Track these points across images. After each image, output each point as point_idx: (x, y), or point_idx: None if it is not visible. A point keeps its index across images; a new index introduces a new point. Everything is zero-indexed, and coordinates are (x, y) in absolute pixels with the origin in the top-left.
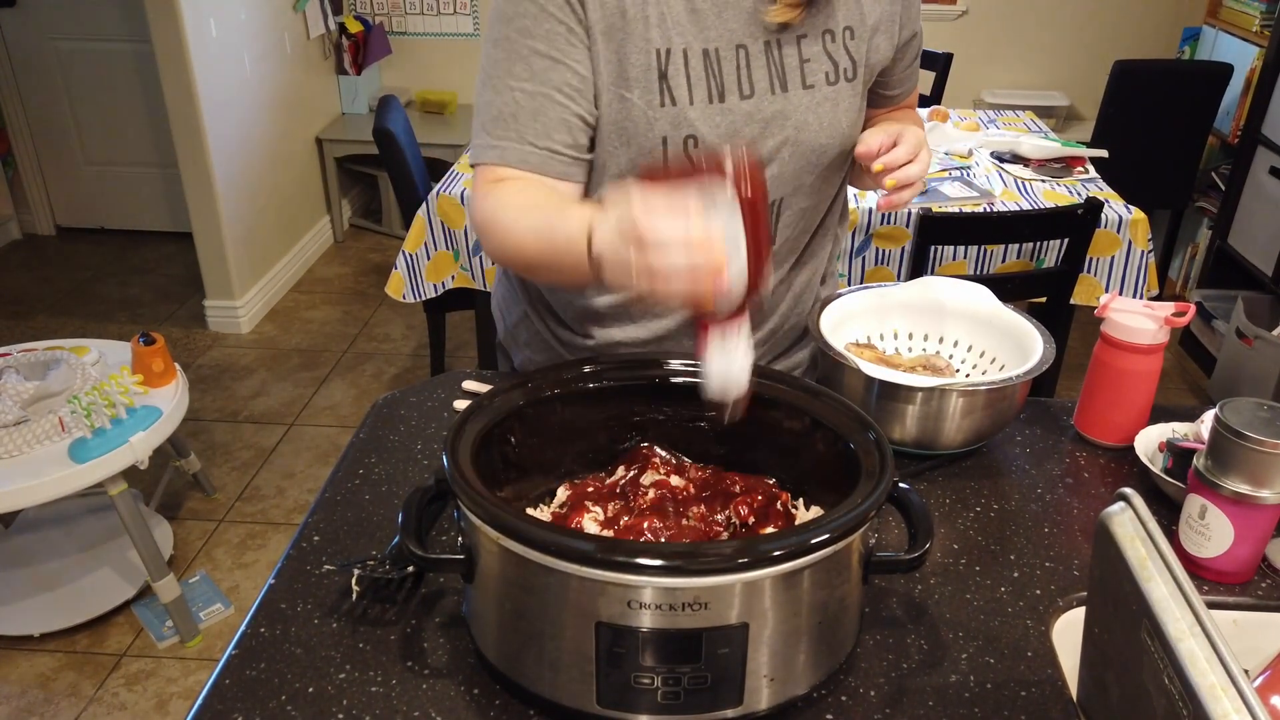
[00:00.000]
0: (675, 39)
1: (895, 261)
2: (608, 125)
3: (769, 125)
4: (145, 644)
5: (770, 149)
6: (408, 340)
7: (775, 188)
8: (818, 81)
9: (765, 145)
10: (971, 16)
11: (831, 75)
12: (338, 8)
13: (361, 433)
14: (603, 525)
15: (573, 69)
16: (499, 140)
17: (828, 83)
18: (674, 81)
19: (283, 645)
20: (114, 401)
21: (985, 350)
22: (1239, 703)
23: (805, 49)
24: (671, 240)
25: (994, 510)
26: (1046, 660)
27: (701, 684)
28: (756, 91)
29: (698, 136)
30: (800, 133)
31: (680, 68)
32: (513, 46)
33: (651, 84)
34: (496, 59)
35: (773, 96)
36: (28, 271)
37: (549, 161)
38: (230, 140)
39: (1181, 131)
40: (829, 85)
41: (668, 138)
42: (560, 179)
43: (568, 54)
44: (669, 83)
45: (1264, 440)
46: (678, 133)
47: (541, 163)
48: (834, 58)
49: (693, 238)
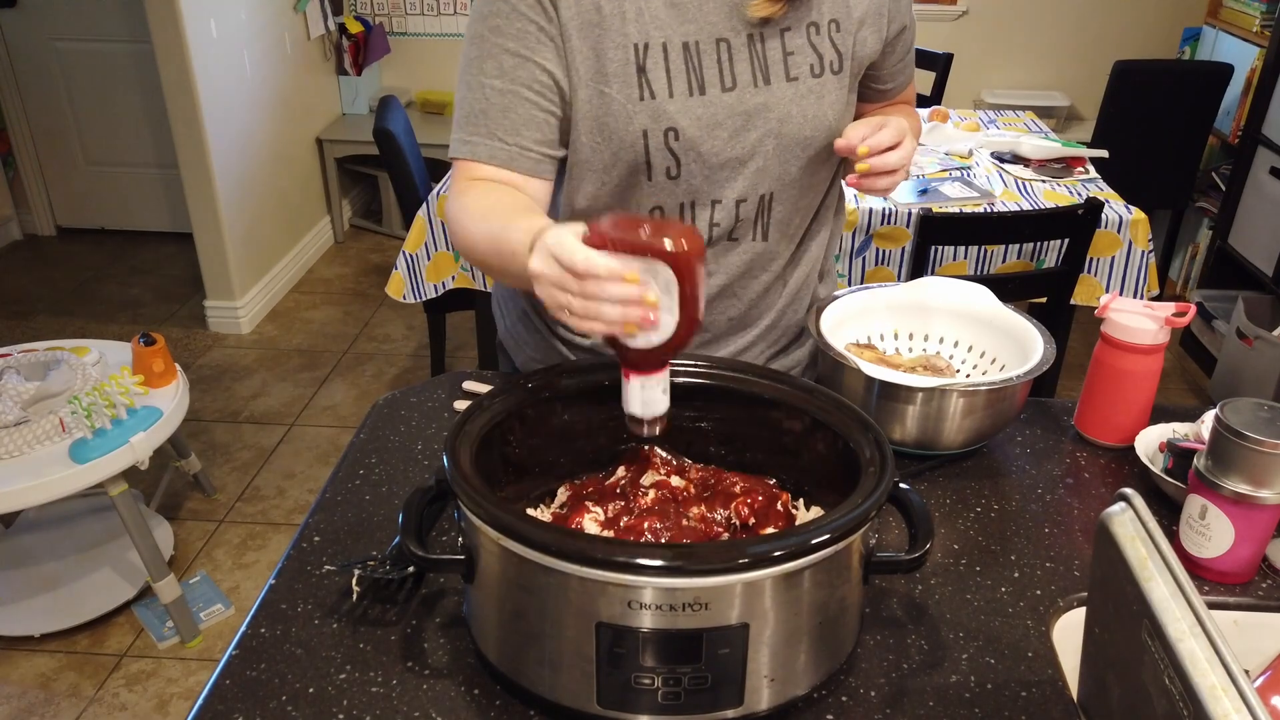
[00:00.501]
0: (654, 33)
1: (895, 262)
2: (588, 121)
3: (751, 118)
4: (146, 644)
5: (753, 141)
6: (408, 341)
7: (761, 181)
8: (802, 74)
9: (748, 138)
10: (971, 16)
11: (816, 68)
12: (338, 8)
13: (362, 433)
14: (603, 525)
15: (542, 66)
16: (470, 136)
17: (812, 75)
18: (653, 75)
19: (283, 645)
20: (114, 402)
21: (985, 350)
22: (1239, 703)
23: (789, 41)
24: (606, 273)
25: (994, 510)
26: (1047, 661)
27: (702, 684)
28: (739, 84)
29: (678, 129)
30: (784, 125)
31: (659, 61)
32: (486, 44)
33: (630, 78)
34: (471, 56)
35: (755, 89)
36: (28, 272)
37: (517, 157)
38: (230, 140)
39: (1182, 131)
40: (813, 78)
41: (648, 131)
42: (530, 175)
43: (537, 52)
44: (647, 76)
45: (1264, 440)
46: (657, 125)
47: (510, 158)
48: (818, 50)
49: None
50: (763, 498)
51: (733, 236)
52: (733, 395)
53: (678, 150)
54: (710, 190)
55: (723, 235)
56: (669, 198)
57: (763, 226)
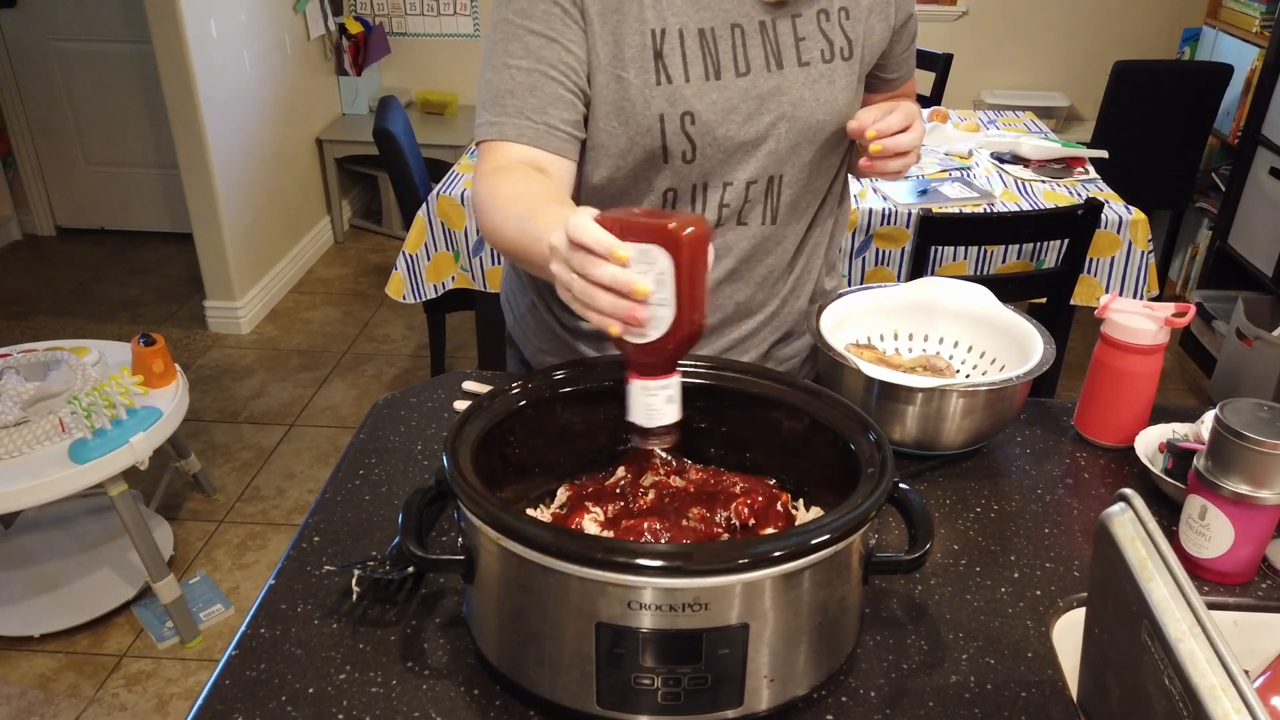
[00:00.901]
0: (670, 19)
1: (895, 262)
2: (606, 105)
3: (765, 101)
4: (145, 645)
5: (766, 124)
6: (408, 341)
7: (772, 163)
8: (813, 59)
9: (761, 121)
10: (971, 17)
11: (827, 53)
12: (338, 8)
13: (362, 433)
14: (603, 526)
15: (567, 48)
16: (498, 117)
17: (823, 60)
18: (670, 60)
19: (283, 646)
20: (114, 402)
21: (985, 351)
22: (1239, 703)
23: (800, 27)
24: (595, 244)
25: (994, 511)
26: (1047, 661)
27: (701, 684)
28: (753, 69)
29: (694, 113)
30: (796, 109)
31: (676, 46)
32: (511, 28)
33: (647, 63)
34: (495, 40)
35: (769, 74)
36: (28, 272)
37: (545, 136)
38: (230, 141)
39: (1181, 132)
40: (824, 63)
41: (664, 115)
42: (557, 154)
43: (563, 34)
44: (664, 61)
45: (1264, 441)
46: (674, 110)
47: (537, 136)
48: (829, 36)
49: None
50: (763, 498)
51: (741, 219)
52: (733, 396)
53: (693, 134)
54: (723, 172)
55: (732, 216)
56: (683, 180)
57: (771, 209)
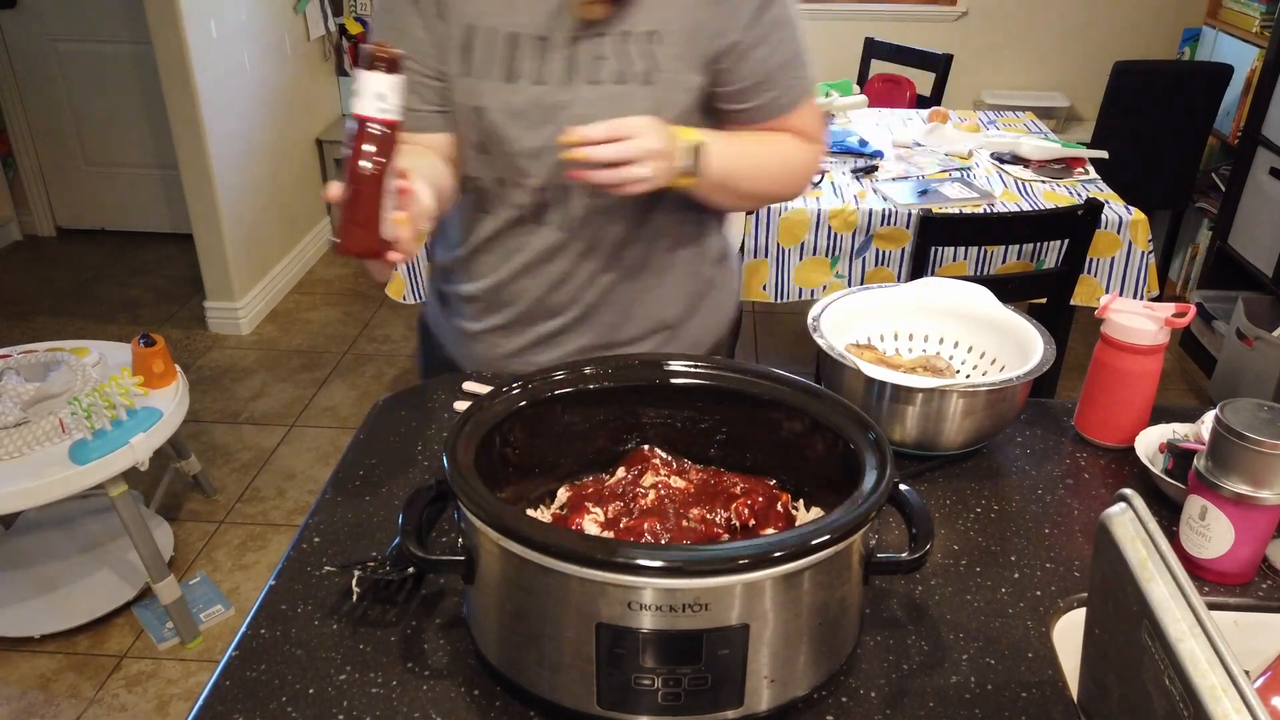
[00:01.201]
0: (484, 19)
1: (895, 262)
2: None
3: (550, 113)
4: (145, 645)
5: (548, 135)
6: (408, 341)
7: (559, 174)
8: (605, 79)
9: (544, 132)
10: (971, 17)
11: (623, 75)
12: (338, 9)
13: (362, 434)
14: (603, 526)
15: (412, 35)
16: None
17: (616, 81)
18: (476, 56)
19: (283, 646)
20: (114, 403)
21: (985, 351)
22: (1239, 704)
23: (601, 47)
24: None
25: (994, 511)
26: (1047, 661)
27: (702, 685)
28: (549, 81)
29: (483, 110)
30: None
31: (484, 44)
32: (379, 22)
33: (458, 53)
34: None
35: (560, 88)
36: (28, 273)
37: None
38: (230, 141)
39: (1181, 132)
40: (616, 84)
41: (463, 104)
42: (429, 131)
43: (409, 24)
44: (472, 55)
45: (1264, 441)
46: (469, 101)
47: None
48: (628, 58)
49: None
50: (763, 498)
51: (539, 220)
52: (733, 396)
53: (483, 130)
54: (514, 174)
55: (528, 217)
56: (486, 170)
57: (565, 218)
